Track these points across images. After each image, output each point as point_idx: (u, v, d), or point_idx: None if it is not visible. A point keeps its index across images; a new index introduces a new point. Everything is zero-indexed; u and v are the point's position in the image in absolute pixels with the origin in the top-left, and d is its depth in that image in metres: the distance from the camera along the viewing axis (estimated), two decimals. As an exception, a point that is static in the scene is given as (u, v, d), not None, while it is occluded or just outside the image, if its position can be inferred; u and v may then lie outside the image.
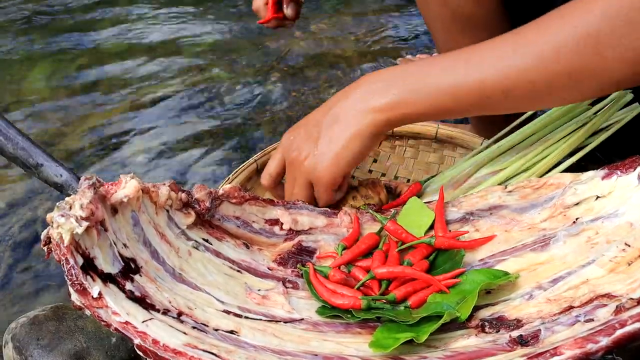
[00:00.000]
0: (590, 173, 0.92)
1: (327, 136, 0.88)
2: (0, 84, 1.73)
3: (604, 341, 0.68)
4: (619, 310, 0.72)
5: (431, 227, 0.95)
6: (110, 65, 1.80)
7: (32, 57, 1.84)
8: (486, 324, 0.80)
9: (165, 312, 0.77)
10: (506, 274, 0.85)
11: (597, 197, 0.89)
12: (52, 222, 0.74)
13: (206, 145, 1.53)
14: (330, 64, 1.91)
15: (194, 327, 0.77)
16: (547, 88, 0.76)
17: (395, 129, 1.20)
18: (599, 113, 1.06)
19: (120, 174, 0.84)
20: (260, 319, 0.82)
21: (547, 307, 0.80)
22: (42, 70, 1.79)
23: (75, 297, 0.73)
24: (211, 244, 0.90)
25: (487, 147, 1.11)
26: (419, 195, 1.06)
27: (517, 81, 0.75)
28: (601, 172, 0.91)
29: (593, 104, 1.08)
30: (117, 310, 0.73)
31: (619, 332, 0.68)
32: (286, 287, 0.88)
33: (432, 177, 1.11)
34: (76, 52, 1.85)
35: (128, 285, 0.77)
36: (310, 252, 0.94)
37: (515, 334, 0.76)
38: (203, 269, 0.86)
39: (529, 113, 1.13)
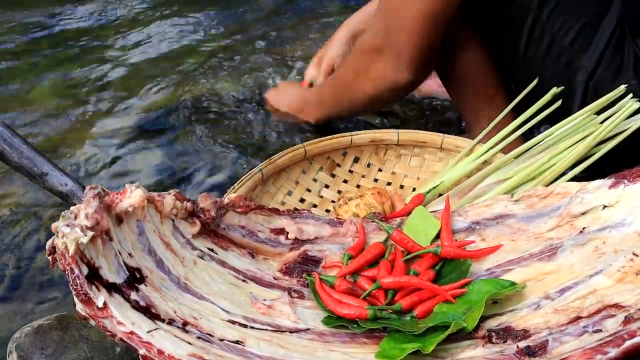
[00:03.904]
0: (597, 182, 0.91)
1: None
2: (5, 93, 1.74)
3: (613, 352, 0.68)
4: (627, 320, 0.72)
5: (437, 237, 0.95)
6: (115, 74, 1.80)
7: (37, 65, 1.85)
8: (493, 334, 0.79)
9: (171, 322, 0.77)
10: (513, 283, 0.85)
11: (604, 206, 0.89)
12: (57, 232, 0.74)
13: (212, 153, 1.53)
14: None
15: (199, 337, 0.76)
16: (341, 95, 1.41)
17: (400, 138, 1.20)
18: (605, 122, 1.05)
19: (125, 183, 0.84)
20: (266, 329, 0.82)
21: (554, 318, 0.79)
22: (46, 79, 1.80)
23: (80, 307, 0.73)
24: (216, 254, 0.89)
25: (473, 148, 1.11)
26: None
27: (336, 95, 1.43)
28: (608, 181, 0.90)
29: (599, 113, 1.08)
30: (122, 320, 0.73)
31: (629, 343, 0.68)
32: (292, 297, 0.88)
33: (435, 187, 1.11)
34: (81, 61, 1.86)
35: (133, 295, 0.76)
36: (315, 261, 0.94)
37: (522, 344, 0.75)
38: (208, 278, 0.86)
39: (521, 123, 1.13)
